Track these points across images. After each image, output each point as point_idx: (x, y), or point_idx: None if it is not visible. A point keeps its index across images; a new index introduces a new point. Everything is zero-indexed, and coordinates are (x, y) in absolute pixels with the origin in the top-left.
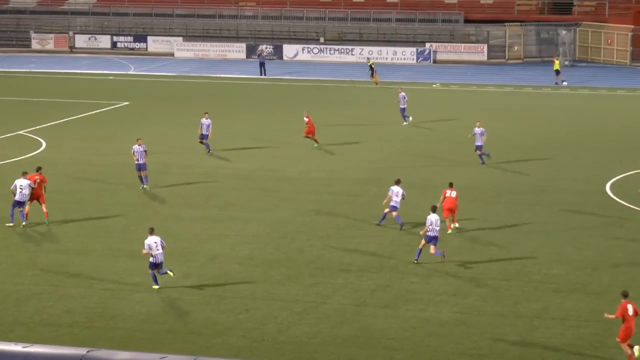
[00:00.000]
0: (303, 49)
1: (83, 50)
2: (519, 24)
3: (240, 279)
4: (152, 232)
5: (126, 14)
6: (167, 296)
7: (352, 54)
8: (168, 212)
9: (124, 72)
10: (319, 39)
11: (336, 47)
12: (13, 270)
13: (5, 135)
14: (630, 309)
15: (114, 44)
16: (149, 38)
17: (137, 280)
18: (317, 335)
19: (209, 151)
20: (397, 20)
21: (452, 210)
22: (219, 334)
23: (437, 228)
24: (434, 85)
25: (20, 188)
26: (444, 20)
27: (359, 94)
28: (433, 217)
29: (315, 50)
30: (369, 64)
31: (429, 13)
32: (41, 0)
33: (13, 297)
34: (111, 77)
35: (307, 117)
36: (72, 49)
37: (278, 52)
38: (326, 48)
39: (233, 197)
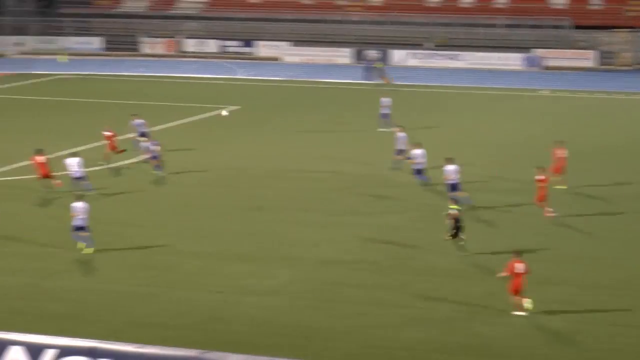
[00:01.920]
0: (409, 54)
1: (191, 54)
2: (628, 30)
3: (352, 283)
4: (79, 198)
5: (234, 19)
6: (279, 300)
7: (458, 60)
8: (279, 216)
9: (232, 77)
10: (425, 44)
11: (442, 52)
12: (127, 271)
13: (117, 138)
14: (518, 266)
15: (222, 49)
16: (257, 43)
17: (249, 283)
18: (428, 342)
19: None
20: (504, 25)
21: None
22: (330, 339)
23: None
24: (541, 92)
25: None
26: (552, 26)
27: (464, 100)
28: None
29: (421, 56)
30: (378, 66)
31: (536, 19)
32: (151, 5)
33: (127, 298)
34: (219, 81)
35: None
36: (181, 53)
37: (384, 57)
38: (432, 53)
39: (345, 202)
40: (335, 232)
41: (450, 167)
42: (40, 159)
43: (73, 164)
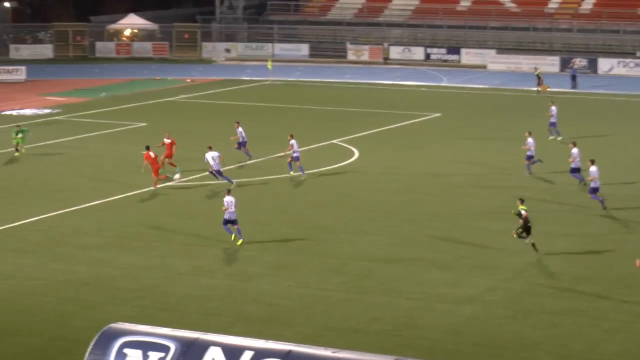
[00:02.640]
0: (618, 63)
1: (397, 62)
2: None
3: (547, 294)
4: (228, 192)
5: (440, 26)
6: (474, 308)
7: None
8: (477, 224)
9: (436, 84)
10: (635, 53)
11: None
12: (322, 276)
13: (320, 144)
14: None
15: (427, 56)
16: (462, 50)
17: (444, 291)
18: (625, 355)
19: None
20: None
21: None
22: (525, 349)
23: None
24: None
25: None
26: None
27: None
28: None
29: (632, 65)
30: (536, 73)
31: None
32: (358, 13)
33: (322, 302)
34: (423, 89)
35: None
36: (386, 60)
37: (592, 65)
38: None
39: (541, 212)
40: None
41: (593, 169)
42: (152, 154)
43: (213, 158)
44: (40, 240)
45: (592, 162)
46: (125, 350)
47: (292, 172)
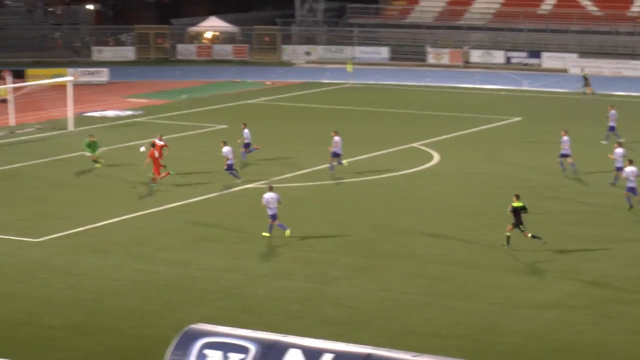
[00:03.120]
0: None
1: (477, 65)
2: None
3: (631, 300)
4: (270, 189)
5: (521, 30)
6: (555, 314)
7: None
8: (558, 229)
9: (516, 88)
10: None
11: None
12: (402, 279)
13: (400, 147)
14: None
15: (507, 59)
16: (543, 54)
17: (525, 296)
18: None
19: None
20: None
21: None
22: (607, 356)
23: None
24: None
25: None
26: None
27: None
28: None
29: None
30: (583, 74)
31: None
32: (438, 16)
33: (402, 305)
34: (503, 92)
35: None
36: (466, 63)
37: None
38: None
39: (626, 219)
40: (617, 248)
41: (630, 169)
42: (156, 153)
43: (228, 153)
44: (122, 241)
45: (631, 162)
46: (206, 351)
47: (333, 166)
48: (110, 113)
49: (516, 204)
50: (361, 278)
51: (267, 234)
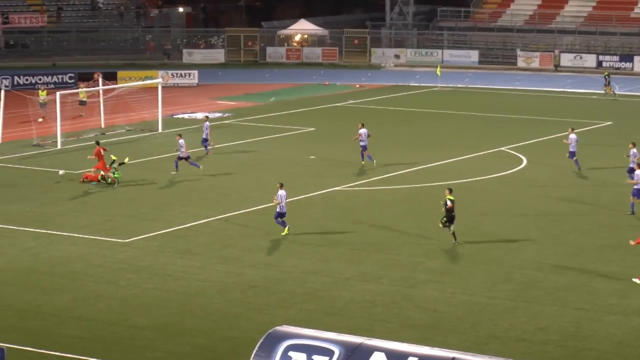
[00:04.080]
0: None
1: (567, 69)
2: None
3: None
4: (281, 186)
5: (613, 33)
6: None
7: None
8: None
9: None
10: None
11: None
12: (488, 283)
13: (488, 151)
14: None
15: (599, 63)
16: (636, 58)
17: (612, 302)
18: None
19: None
20: None
21: None
22: None
23: None
24: None
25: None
26: None
27: None
28: None
29: None
30: (605, 74)
31: None
32: (529, 19)
33: (488, 310)
34: (594, 97)
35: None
36: (557, 67)
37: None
38: None
39: None
40: None
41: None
42: (102, 150)
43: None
44: (208, 242)
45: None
46: (290, 353)
47: (362, 162)
48: (199, 115)
49: (450, 197)
50: (447, 282)
51: (286, 232)
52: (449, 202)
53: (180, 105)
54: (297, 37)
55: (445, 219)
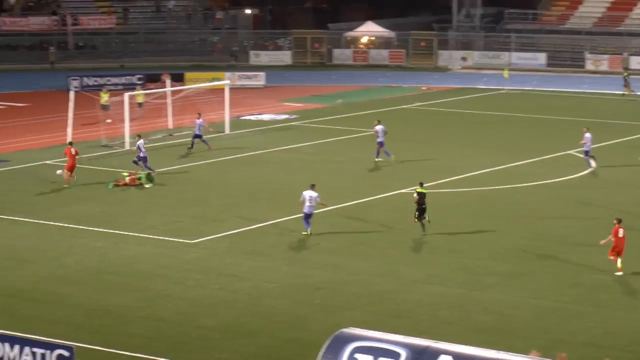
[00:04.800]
0: None
1: (637, 72)
2: None
3: None
4: (312, 187)
5: None
6: None
7: None
8: None
9: None
10: None
11: None
12: (556, 287)
13: (556, 154)
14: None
15: None
16: None
17: None
18: None
19: None
20: None
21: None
22: None
23: None
24: None
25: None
26: None
27: None
28: None
29: None
30: (624, 75)
31: None
32: (598, 22)
33: (556, 314)
34: None
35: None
36: (626, 70)
37: None
38: None
39: None
40: None
41: None
42: (72, 150)
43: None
44: (275, 244)
45: None
46: (357, 356)
47: (376, 158)
48: (265, 117)
49: (420, 190)
50: (514, 285)
51: (306, 233)
52: (415, 195)
53: (247, 106)
54: (364, 39)
55: (417, 212)
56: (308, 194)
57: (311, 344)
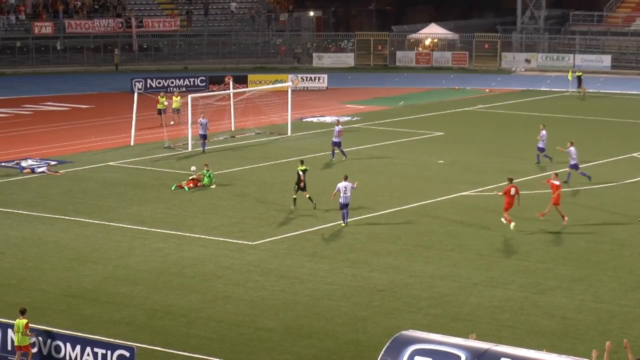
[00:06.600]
0: None
1: None
2: None
3: None
4: (346, 178)
5: None
6: None
7: None
8: None
9: None
10: None
11: None
12: (618, 291)
13: (620, 157)
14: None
15: None
16: None
17: None
18: None
19: None
20: None
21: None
22: None
23: None
24: None
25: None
26: None
27: None
28: None
29: None
30: (577, 74)
31: None
32: None
33: (618, 318)
34: None
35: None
36: None
37: None
38: None
39: None
40: None
41: None
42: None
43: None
44: (335, 246)
45: None
46: (416, 358)
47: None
48: (328, 119)
49: (301, 167)
50: (576, 289)
51: (343, 224)
52: (300, 173)
53: (309, 108)
54: (427, 41)
55: (295, 187)
56: (342, 185)
57: (371, 347)
